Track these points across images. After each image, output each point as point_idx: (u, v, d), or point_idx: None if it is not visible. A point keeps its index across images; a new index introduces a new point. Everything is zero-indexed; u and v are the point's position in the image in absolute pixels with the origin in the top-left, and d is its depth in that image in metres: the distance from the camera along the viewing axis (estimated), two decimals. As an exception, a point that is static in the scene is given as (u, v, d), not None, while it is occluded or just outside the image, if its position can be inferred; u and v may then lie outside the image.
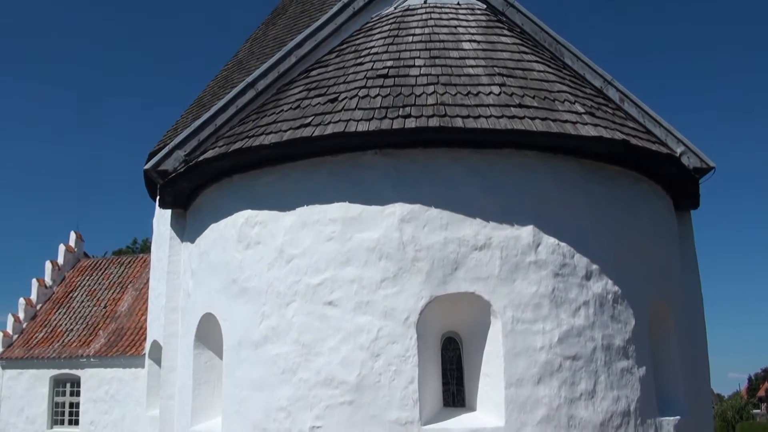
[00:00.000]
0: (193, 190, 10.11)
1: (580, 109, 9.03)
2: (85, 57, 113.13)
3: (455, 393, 8.63)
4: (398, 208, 8.35)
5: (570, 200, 8.73)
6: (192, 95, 27.46)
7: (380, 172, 8.52)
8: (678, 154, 10.20)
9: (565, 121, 8.64)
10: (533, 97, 8.95)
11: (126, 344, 22.54)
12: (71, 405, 22.88)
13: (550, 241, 8.46)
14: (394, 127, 8.26)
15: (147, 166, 10.28)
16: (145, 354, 20.86)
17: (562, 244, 8.51)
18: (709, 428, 10.69)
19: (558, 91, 9.28)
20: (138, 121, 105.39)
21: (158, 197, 10.80)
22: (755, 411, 59.96)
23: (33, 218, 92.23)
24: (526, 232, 8.40)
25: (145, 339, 21.62)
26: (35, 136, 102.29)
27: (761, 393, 63.05)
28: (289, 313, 8.49)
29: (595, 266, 8.61)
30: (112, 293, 25.47)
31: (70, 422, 22.80)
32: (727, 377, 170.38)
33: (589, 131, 8.61)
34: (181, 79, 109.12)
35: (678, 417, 9.06)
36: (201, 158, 9.52)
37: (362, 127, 8.33)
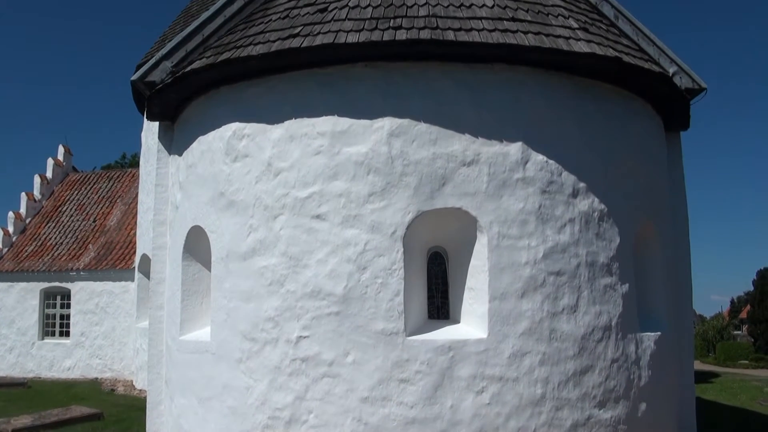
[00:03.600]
0: (181, 101, 10.00)
1: (574, 25, 8.90)
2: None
3: (440, 306, 8.79)
4: (387, 122, 8.30)
5: (560, 117, 8.69)
6: (181, 5, 26.86)
7: (370, 85, 8.42)
8: (670, 74, 10.10)
9: (558, 36, 8.51)
10: (527, 11, 8.80)
11: (115, 258, 22.73)
12: (62, 317, 23.22)
13: (538, 158, 8.46)
14: (384, 38, 8.12)
15: (134, 78, 10.12)
16: (134, 267, 21.11)
17: (551, 161, 8.51)
18: (690, 346, 10.93)
19: (552, 5, 9.12)
20: (129, 31, 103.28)
21: (146, 110, 10.68)
22: (736, 332, 61.32)
23: (21, 131, 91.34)
24: (515, 148, 8.39)
25: (134, 253, 21.83)
26: (23, 47, 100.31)
27: (743, 315, 64.41)
28: (276, 226, 8.53)
29: (582, 184, 8.64)
30: (102, 207, 25.53)
31: (61, 334, 23.20)
32: (710, 299, 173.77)
33: (582, 47, 8.50)
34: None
35: (659, 333, 9.27)
36: (188, 69, 9.37)
37: (352, 38, 8.18)
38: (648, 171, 9.69)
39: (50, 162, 27.16)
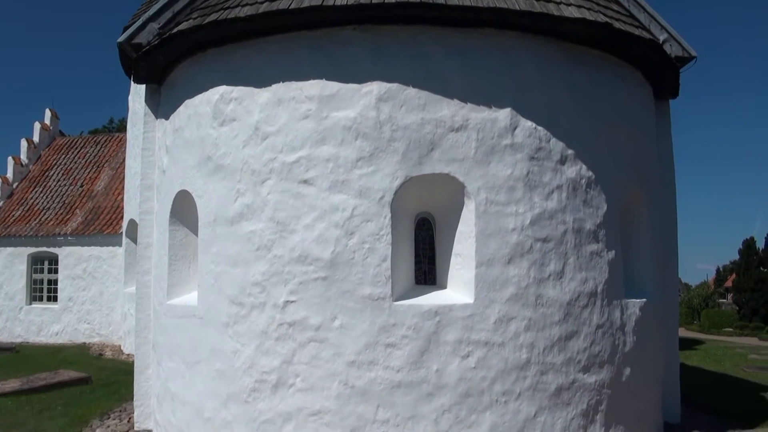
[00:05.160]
0: (168, 64, 9.89)
1: (565, -10, 8.81)
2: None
3: (427, 271, 8.81)
4: (376, 87, 8.23)
5: (549, 83, 8.64)
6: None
7: (358, 48, 8.32)
8: (661, 41, 10.07)
9: (549, 1, 8.43)
10: (517, -25, 8.69)
11: (103, 223, 22.66)
12: (49, 282, 23.19)
13: (527, 124, 8.42)
14: (373, 1, 8.01)
15: (120, 39, 10.00)
16: (122, 232, 21.05)
17: (539, 127, 8.48)
18: (674, 313, 11.07)
19: (543, -30, 9.01)
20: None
21: (133, 72, 10.56)
22: (721, 300, 61.91)
23: (6, 95, 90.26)
24: (504, 114, 8.35)
25: (122, 218, 21.76)
26: (8, 9, 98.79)
27: (728, 284, 65.08)
28: (264, 190, 8.49)
29: (570, 151, 8.63)
30: (89, 172, 25.39)
31: (49, 299, 23.19)
32: (696, 268, 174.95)
33: (572, 12, 8.43)
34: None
35: (644, 300, 9.33)
36: (175, 30, 9.23)
37: (341, 0, 8.08)
38: (637, 138, 9.69)
39: (37, 126, 26.92)
